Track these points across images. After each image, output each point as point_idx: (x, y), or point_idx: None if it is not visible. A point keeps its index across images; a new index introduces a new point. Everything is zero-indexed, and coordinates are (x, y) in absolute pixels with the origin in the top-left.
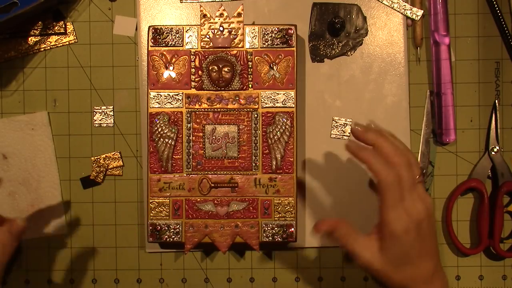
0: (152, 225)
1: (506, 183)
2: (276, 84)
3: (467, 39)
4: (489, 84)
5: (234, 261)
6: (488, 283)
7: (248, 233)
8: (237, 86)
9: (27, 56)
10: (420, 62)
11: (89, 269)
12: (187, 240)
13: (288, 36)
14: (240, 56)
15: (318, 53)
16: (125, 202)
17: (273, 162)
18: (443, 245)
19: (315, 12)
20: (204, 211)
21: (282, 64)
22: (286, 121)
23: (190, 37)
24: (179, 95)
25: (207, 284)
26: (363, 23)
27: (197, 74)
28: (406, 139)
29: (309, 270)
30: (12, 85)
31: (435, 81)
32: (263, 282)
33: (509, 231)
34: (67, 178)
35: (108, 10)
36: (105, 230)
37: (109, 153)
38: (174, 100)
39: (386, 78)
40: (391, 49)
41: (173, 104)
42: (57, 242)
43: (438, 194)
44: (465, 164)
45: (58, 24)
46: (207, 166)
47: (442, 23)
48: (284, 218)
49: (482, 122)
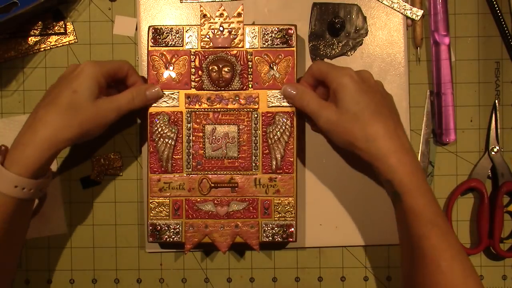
0: (152, 225)
1: (506, 183)
2: (276, 84)
3: (467, 39)
4: (489, 84)
5: (234, 261)
6: (488, 283)
7: (248, 233)
8: (237, 86)
9: (27, 56)
10: (420, 62)
11: (89, 269)
12: (187, 240)
13: (288, 36)
14: (240, 56)
15: (318, 53)
16: (125, 202)
17: (273, 162)
18: None
19: (315, 12)
20: (204, 211)
21: (282, 64)
22: (286, 121)
23: (190, 37)
24: (174, 93)
25: (207, 284)
26: (363, 23)
27: (197, 74)
28: None
29: (309, 270)
30: (12, 85)
31: (435, 81)
32: (263, 282)
33: (509, 231)
34: (67, 178)
35: (108, 10)
36: (105, 230)
37: (109, 153)
38: (174, 100)
39: (386, 78)
40: (391, 49)
41: (173, 104)
42: (57, 242)
43: (438, 194)
44: (465, 164)
45: (58, 24)
46: (207, 166)
47: (442, 23)
48: (284, 218)
49: (482, 122)
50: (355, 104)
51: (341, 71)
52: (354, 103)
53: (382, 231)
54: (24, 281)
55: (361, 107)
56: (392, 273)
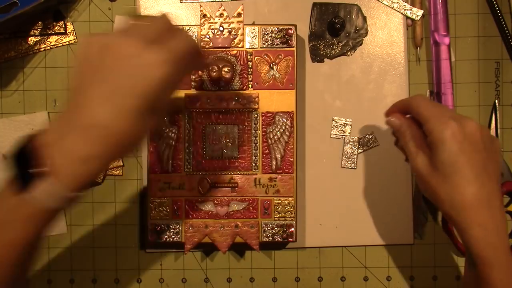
0: (152, 225)
1: (506, 183)
2: (276, 84)
3: (467, 39)
4: (489, 84)
5: (234, 261)
6: None
7: (248, 233)
8: (237, 86)
9: (27, 56)
10: (420, 62)
11: (89, 269)
12: (187, 240)
13: (288, 36)
14: (240, 56)
15: (318, 53)
16: (125, 202)
17: (273, 162)
18: (443, 245)
19: (315, 12)
20: (204, 211)
21: (282, 64)
22: (286, 121)
23: None
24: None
25: (207, 284)
26: (363, 23)
27: (197, 74)
28: None
29: (309, 270)
30: (12, 85)
31: (435, 81)
32: (263, 282)
33: (509, 231)
34: None
35: (108, 10)
36: (105, 230)
37: None
38: None
39: (386, 78)
40: (391, 49)
41: None
42: (57, 242)
43: None
44: None
45: (58, 24)
46: (207, 166)
47: (442, 23)
48: (284, 218)
49: (482, 122)
50: (449, 166)
51: (443, 123)
52: (449, 164)
53: (382, 231)
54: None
55: (455, 169)
56: (392, 273)
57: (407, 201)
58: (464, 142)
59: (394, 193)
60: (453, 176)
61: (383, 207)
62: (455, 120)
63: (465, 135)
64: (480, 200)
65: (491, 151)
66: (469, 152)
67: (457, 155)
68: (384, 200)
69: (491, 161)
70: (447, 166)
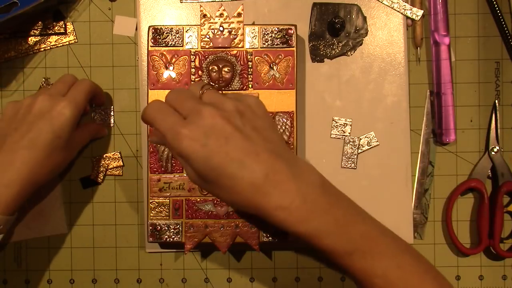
0: (152, 225)
1: (506, 183)
2: (276, 84)
3: (467, 39)
4: (489, 84)
5: (234, 261)
6: (488, 283)
7: (248, 233)
8: (237, 86)
9: (27, 56)
10: (420, 62)
11: (89, 269)
12: (187, 240)
13: (288, 36)
14: (240, 56)
15: (318, 53)
16: (125, 202)
17: None
18: (443, 245)
19: (315, 12)
20: (204, 211)
21: (282, 64)
22: (286, 121)
23: (190, 37)
24: None
25: (207, 284)
26: (363, 23)
27: (197, 74)
28: (406, 139)
29: (309, 270)
30: (12, 85)
31: (435, 81)
32: (263, 282)
33: (509, 231)
34: (67, 178)
35: (108, 10)
36: (105, 230)
37: (109, 153)
38: None
39: (386, 78)
40: (391, 49)
41: None
42: (57, 242)
43: (438, 194)
44: (465, 164)
45: (58, 24)
46: None
47: (442, 23)
48: None
49: (482, 122)
50: (210, 172)
51: (176, 136)
52: (205, 174)
53: None
54: (24, 281)
55: (217, 173)
56: None
57: (407, 201)
58: (208, 140)
59: (394, 193)
60: (221, 179)
61: (383, 207)
62: (189, 124)
63: (205, 133)
64: (257, 185)
65: (262, 126)
66: (218, 146)
67: (207, 160)
68: (384, 200)
69: (257, 133)
70: (209, 174)
